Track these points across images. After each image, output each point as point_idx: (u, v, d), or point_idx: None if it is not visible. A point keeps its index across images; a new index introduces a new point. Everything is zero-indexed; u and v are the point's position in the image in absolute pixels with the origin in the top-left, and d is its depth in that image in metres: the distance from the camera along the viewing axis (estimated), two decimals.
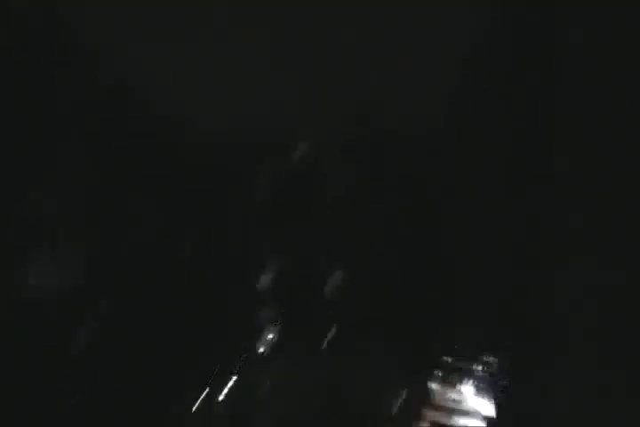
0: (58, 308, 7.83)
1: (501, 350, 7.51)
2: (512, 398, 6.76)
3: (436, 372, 8.60)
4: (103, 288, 7.96)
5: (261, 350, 10.05)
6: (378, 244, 7.66)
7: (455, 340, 8.16)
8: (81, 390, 7.59)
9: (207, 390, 7.81)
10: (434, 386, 8.94)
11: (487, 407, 7.97)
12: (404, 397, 9.34)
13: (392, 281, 8.14)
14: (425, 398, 9.14)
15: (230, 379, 9.13)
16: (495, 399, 7.61)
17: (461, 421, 8.45)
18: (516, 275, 6.53)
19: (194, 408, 7.80)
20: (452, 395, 8.76)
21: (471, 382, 7.99)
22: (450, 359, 8.37)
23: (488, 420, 8.08)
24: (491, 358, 7.67)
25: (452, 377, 8.47)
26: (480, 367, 7.80)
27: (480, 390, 7.96)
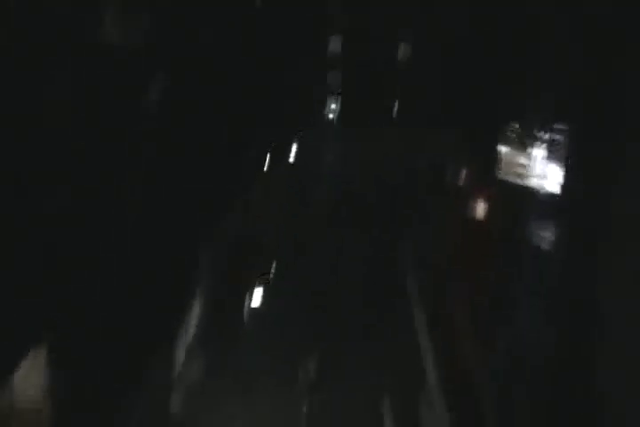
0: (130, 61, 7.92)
1: (573, 120, 7.47)
2: (581, 163, 6.80)
3: (507, 134, 8.67)
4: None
5: (326, 117, 10.29)
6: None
7: (527, 108, 8.16)
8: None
9: (271, 155, 8.19)
10: (504, 150, 9.04)
11: (556, 172, 8.02)
12: (474, 159, 9.55)
13: (467, 53, 8.11)
14: (494, 163, 9.29)
15: (292, 145, 9.44)
16: (564, 164, 7.65)
17: (530, 184, 8.60)
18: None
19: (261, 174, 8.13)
20: (522, 159, 8.86)
21: (542, 146, 8.00)
22: (521, 126, 8.40)
23: (556, 184, 8.18)
24: (562, 126, 7.63)
25: (523, 142, 8.52)
26: (551, 135, 7.79)
27: (550, 154, 7.99)
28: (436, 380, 11.56)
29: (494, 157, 8.71)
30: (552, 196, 7.50)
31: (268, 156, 16.38)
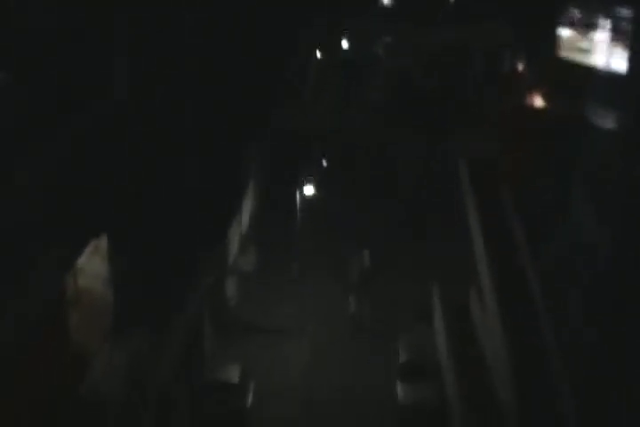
0: None
1: (636, 5, 7.04)
2: None
3: (567, 21, 8.21)
4: None
5: (381, 7, 11.27)
6: None
7: None
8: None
9: None
10: (565, 35, 8.63)
11: (619, 56, 7.57)
12: (532, 47, 9.32)
13: None
14: (553, 50, 8.89)
15: (345, 34, 10.10)
16: (628, 49, 7.20)
17: (592, 69, 8.16)
18: None
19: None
20: (583, 44, 8.43)
21: (604, 32, 7.56)
22: (582, 12, 7.98)
23: (619, 68, 7.74)
24: (624, 12, 7.19)
25: (584, 28, 8.08)
26: (613, 20, 7.35)
27: (613, 39, 7.55)
28: (488, 278, 11.22)
29: (553, 44, 8.31)
30: (614, 80, 7.18)
31: (320, 46, 15.75)
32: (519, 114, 11.82)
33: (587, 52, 9.16)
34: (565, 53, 9.94)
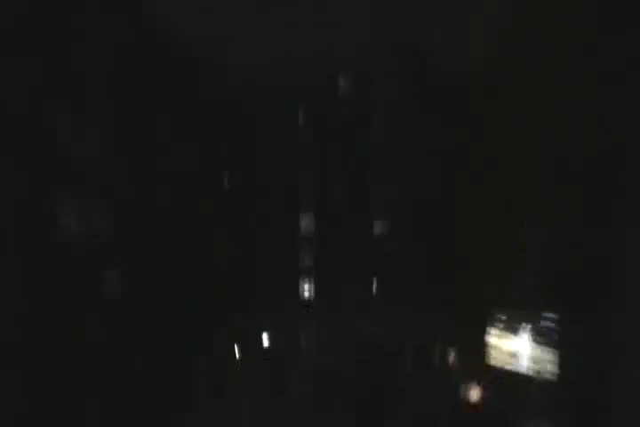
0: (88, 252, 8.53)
1: (560, 308, 7.42)
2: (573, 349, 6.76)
3: (494, 322, 8.62)
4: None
5: (301, 299, 10.97)
6: None
7: (514, 299, 8.19)
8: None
9: None
10: (492, 337, 8.88)
11: (547, 358, 7.84)
12: (461, 345, 9.47)
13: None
14: (483, 350, 9.14)
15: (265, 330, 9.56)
16: (556, 350, 7.50)
17: (522, 370, 8.36)
18: None
19: None
20: (511, 347, 8.69)
21: (531, 333, 7.88)
22: (508, 315, 8.35)
23: (549, 370, 8.00)
24: (550, 314, 7.53)
25: (511, 329, 8.44)
26: (540, 322, 7.66)
27: (540, 340, 7.86)
28: None
29: (482, 344, 8.53)
30: (545, 383, 7.30)
31: (239, 342, 15.00)
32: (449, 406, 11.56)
33: (515, 354, 9.18)
34: (494, 354, 9.91)
